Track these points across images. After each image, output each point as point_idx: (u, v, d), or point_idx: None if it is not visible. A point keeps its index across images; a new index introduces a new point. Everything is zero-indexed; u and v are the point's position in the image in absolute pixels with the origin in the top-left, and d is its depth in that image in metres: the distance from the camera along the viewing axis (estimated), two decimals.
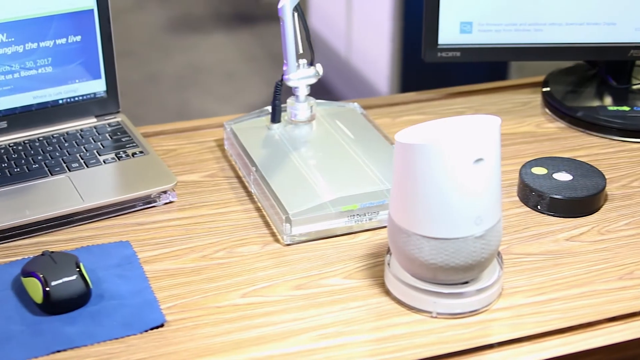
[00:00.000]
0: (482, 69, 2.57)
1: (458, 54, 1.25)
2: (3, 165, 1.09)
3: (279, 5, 1.10)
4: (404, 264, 0.90)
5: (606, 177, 1.12)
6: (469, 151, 0.83)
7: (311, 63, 1.14)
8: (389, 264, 0.93)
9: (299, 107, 1.15)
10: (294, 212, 1.00)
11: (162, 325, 0.88)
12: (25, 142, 1.13)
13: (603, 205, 1.09)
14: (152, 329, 0.88)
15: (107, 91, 1.19)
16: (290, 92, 1.15)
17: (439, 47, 1.25)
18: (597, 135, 1.24)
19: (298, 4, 1.11)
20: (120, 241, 1.00)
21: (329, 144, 1.13)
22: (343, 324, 0.89)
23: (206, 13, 4.06)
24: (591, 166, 1.11)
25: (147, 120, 3.11)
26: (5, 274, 0.94)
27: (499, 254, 0.94)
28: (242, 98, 3.26)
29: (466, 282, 0.91)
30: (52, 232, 1.02)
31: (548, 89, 1.31)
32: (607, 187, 1.11)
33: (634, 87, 1.31)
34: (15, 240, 1.00)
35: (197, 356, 0.85)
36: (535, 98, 1.34)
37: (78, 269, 0.90)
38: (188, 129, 1.25)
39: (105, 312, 0.90)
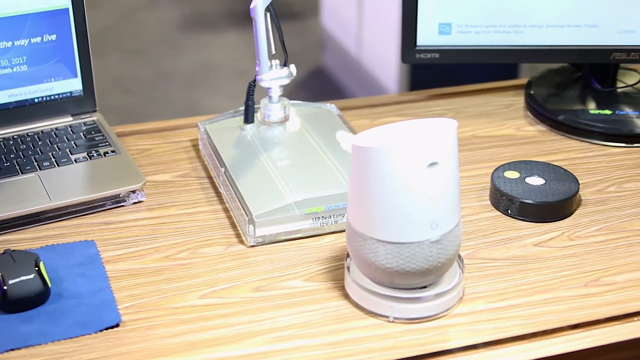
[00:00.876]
0: (492, 69, 2.56)
1: (437, 55, 1.24)
2: None
3: (251, 6, 1.09)
4: (362, 267, 0.89)
5: (582, 181, 1.11)
6: (422, 155, 0.82)
7: (285, 64, 1.14)
8: (348, 268, 0.93)
9: (272, 107, 1.15)
10: (257, 214, 1.00)
11: (117, 325, 0.88)
12: None
13: (576, 210, 1.07)
14: (107, 328, 0.88)
15: (83, 90, 1.19)
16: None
17: (417, 48, 1.24)
18: (577, 139, 1.23)
19: (271, 4, 1.10)
20: (85, 240, 1.00)
21: (300, 146, 1.12)
22: (299, 327, 0.88)
23: (219, 11, 4.07)
24: (565, 171, 1.10)
25: (157, 117, 3.12)
26: None
27: (460, 258, 0.93)
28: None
29: (425, 287, 0.90)
30: (19, 230, 1.02)
31: (531, 91, 1.30)
32: (581, 192, 1.10)
33: (619, 90, 1.29)
34: None
35: (150, 357, 0.84)
36: (518, 100, 1.33)
37: (37, 268, 0.90)
38: (166, 129, 1.25)
39: (63, 311, 0.90)
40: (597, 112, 1.24)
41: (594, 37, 1.22)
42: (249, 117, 1.16)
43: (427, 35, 1.23)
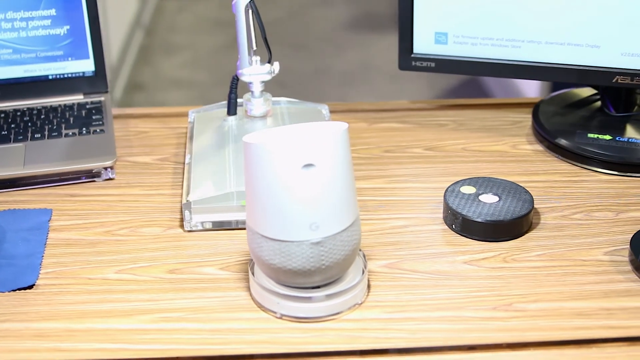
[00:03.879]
0: None
1: (432, 64, 1.23)
2: None
3: (233, 2, 1.13)
4: (256, 262, 0.91)
5: (550, 205, 1.08)
6: (296, 156, 0.83)
7: (268, 61, 1.17)
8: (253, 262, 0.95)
9: (254, 102, 1.18)
10: (195, 200, 1.04)
11: (31, 287, 0.95)
12: (10, 110, 1.24)
13: (527, 232, 1.04)
14: (20, 289, 0.95)
15: (95, 71, 1.28)
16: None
17: (413, 56, 1.23)
18: (569, 162, 1.18)
19: (252, 1, 1.14)
20: (44, 209, 1.08)
21: None
22: (190, 311, 0.92)
23: (388, 13, 4.10)
24: (526, 192, 1.06)
25: None
26: None
27: (365, 264, 0.93)
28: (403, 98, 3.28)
29: (318, 287, 0.91)
30: None
31: (538, 110, 1.26)
32: (544, 216, 1.07)
33: (632, 115, 1.23)
34: None
35: (42, 319, 0.91)
36: (528, 118, 1.29)
37: None
38: (172, 115, 1.31)
39: None
40: (595, 136, 1.19)
41: (596, 58, 1.17)
42: (230, 110, 1.20)
43: (423, 44, 1.22)
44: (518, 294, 0.94)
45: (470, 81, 3.39)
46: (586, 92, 1.30)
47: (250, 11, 1.14)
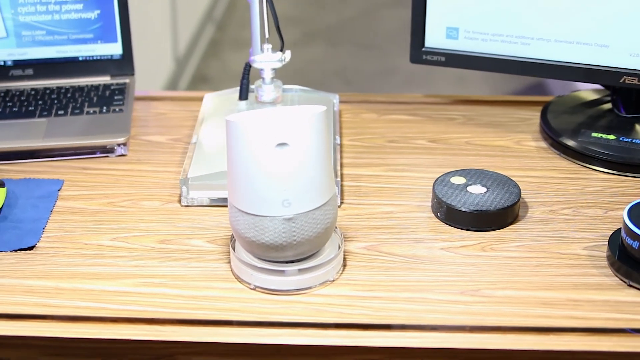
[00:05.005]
0: None
1: (443, 58, 1.25)
2: (9, 104, 1.28)
3: None
4: (234, 234, 0.96)
5: (541, 200, 1.10)
6: (270, 134, 0.87)
7: (281, 49, 1.22)
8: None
9: (265, 88, 1.23)
10: (193, 176, 1.09)
11: (31, 249, 1.02)
12: (41, 88, 1.32)
13: (511, 224, 1.06)
14: (21, 249, 1.02)
15: (123, 54, 1.34)
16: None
17: (424, 49, 1.26)
18: (569, 160, 1.19)
19: None
20: (56, 179, 1.15)
21: None
22: (170, 278, 0.97)
23: None
24: (515, 185, 1.08)
25: None
26: None
27: (340, 243, 0.97)
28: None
29: (292, 262, 0.95)
30: (14, 163, 1.19)
31: (548, 108, 1.27)
32: (532, 210, 1.08)
33: None
34: None
35: (35, 277, 0.97)
36: (538, 116, 1.30)
37: None
38: (192, 98, 1.37)
39: None
40: (599, 135, 1.19)
41: (604, 57, 1.17)
42: (242, 94, 1.25)
43: (435, 38, 1.25)
44: (488, 281, 0.96)
45: (536, 86, 3.37)
46: (599, 92, 1.30)
47: (264, 0, 1.19)
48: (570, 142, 1.19)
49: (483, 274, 0.98)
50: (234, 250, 0.97)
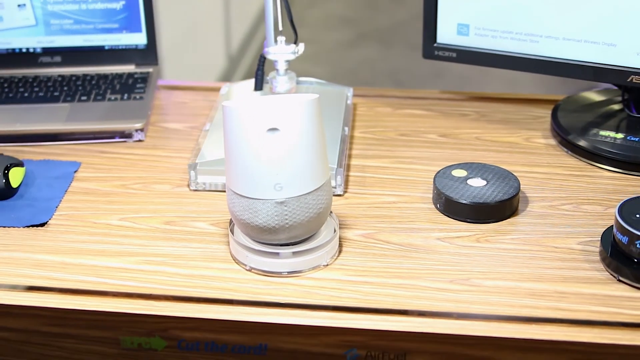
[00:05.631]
0: None
1: (454, 54, 1.27)
2: (36, 89, 1.33)
3: None
4: (231, 216, 0.99)
5: (543, 195, 1.11)
6: (261, 119, 0.91)
7: (295, 42, 1.25)
8: None
9: (279, 79, 1.26)
10: (201, 161, 1.13)
11: (42, 225, 1.07)
12: (67, 75, 1.37)
13: (509, 217, 1.07)
14: (33, 226, 1.06)
15: (147, 45, 1.39)
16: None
17: (436, 45, 1.27)
18: (576, 158, 1.20)
19: None
20: (74, 161, 1.20)
21: None
22: (171, 257, 1.01)
23: None
24: (516, 179, 1.09)
25: None
26: None
27: (335, 228, 1.00)
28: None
29: (287, 245, 0.98)
30: (37, 145, 1.24)
31: (559, 107, 1.28)
32: (532, 204, 1.10)
33: None
34: (3, 146, 1.24)
35: (44, 252, 1.02)
36: (549, 114, 1.31)
37: (6, 171, 1.11)
38: (213, 88, 1.41)
39: (13, 207, 1.10)
40: (607, 134, 1.20)
41: (612, 56, 1.18)
42: (257, 85, 1.28)
43: (446, 34, 1.26)
44: (478, 271, 0.98)
45: (587, 90, 3.34)
46: (611, 93, 1.31)
47: None
48: (578, 140, 1.20)
49: (475, 264, 0.99)
50: (232, 233, 1.00)
